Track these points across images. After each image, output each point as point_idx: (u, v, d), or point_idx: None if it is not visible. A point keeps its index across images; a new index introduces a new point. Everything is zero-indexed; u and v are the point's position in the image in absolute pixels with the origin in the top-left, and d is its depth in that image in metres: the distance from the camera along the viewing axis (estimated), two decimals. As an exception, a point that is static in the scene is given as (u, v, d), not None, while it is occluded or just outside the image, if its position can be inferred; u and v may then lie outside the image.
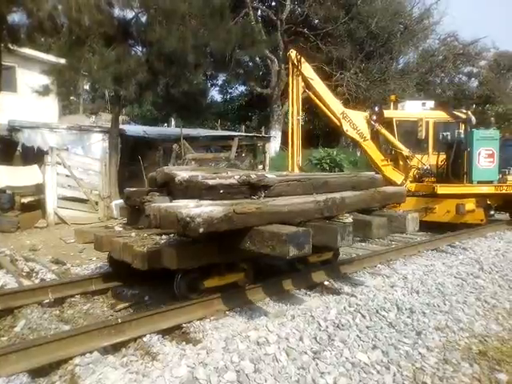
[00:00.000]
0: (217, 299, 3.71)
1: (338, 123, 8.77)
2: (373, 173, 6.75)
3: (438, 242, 6.87)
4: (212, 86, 30.79)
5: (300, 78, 8.60)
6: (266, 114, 26.45)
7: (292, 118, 8.81)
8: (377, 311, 3.70)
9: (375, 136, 9.14)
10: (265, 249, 3.10)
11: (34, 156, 11.32)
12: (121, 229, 4.56)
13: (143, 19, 10.64)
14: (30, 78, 12.38)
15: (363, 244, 6.94)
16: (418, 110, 9.31)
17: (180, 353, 2.91)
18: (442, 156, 8.63)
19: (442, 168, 8.54)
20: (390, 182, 8.45)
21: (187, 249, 3.42)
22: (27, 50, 12.60)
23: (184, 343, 3.13)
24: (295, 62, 8.55)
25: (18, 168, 10.30)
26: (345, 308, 3.77)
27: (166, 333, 3.31)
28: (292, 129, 8.78)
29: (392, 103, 9.65)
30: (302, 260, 4.54)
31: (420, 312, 3.70)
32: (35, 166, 10.04)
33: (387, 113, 9.16)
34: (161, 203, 3.48)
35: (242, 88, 31.36)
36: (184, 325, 3.40)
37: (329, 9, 22.50)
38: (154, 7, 9.75)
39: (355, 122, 8.76)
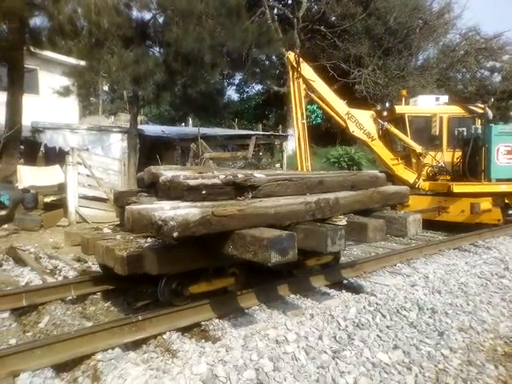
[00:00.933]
0: (235, 297, 3.72)
1: (344, 124, 8.44)
2: (376, 171, 6.55)
3: (459, 240, 6.72)
4: (229, 85, 30.95)
5: (301, 80, 8.23)
6: (282, 112, 26.37)
7: (297, 122, 8.41)
8: (397, 311, 3.64)
9: (385, 134, 8.85)
10: (247, 254, 2.84)
11: (56, 156, 11.63)
12: (109, 231, 4.41)
13: (160, 20, 10.80)
14: (51, 80, 12.70)
15: (382, 242, 6.84)
16: (431, 105, 8.93)
17: (199, 350, 2.93)
18: (458, 153, 8.30)
19: (458, 165, 8.21)
20: (403, 182, 8.19)
21: (170, 253, 3.19)
22: (48, 53, 12.91)
23: (203, 341, 3.16)
24: (294, 64, 8.15)
25: (41, 168, 10.57)
26: (364, 307, 3.73)
27: (185, 330, 3.34)
28: (298, 133, 8.41)
29: (404, 99, 9.25)
30: (297, 264, 4.12)
31: (442, 312, 3.62)
32: (57, 166, 10.28)
33: (399, 108, 8.83)
34: (133, 206, 3.28)
35: (258, 87, 31.41)
36: (203, 322, 3.43)
37: (346, 5, 22.26)
38: (171, 8, 9.86)
39: (361, 122, 8.42)
